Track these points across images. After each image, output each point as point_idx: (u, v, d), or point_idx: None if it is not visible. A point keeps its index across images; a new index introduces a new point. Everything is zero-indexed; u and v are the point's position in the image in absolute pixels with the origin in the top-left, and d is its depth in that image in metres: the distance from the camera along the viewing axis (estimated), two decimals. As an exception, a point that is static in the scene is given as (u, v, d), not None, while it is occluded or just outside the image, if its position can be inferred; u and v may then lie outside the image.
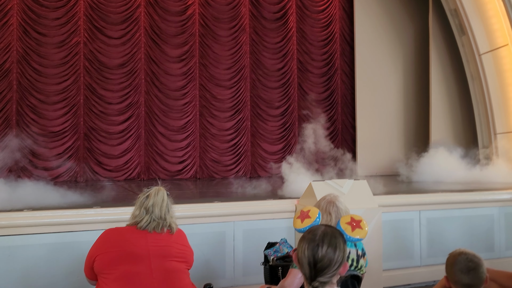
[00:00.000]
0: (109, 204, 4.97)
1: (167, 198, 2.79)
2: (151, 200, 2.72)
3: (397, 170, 9.43)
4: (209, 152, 11.06)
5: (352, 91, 12.36)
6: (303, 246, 1.92)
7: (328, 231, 1.96)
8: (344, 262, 1.93)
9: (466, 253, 2.45)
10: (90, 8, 10.14)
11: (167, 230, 2.73)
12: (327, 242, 1.91)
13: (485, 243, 5.85)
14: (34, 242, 4.12)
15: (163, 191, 2.80)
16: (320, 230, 1.97)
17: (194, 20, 10.99)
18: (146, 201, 2.72)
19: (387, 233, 5.14)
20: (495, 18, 9.73)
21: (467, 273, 2.38)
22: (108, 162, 10.13)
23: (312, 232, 1.97)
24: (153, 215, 2.69)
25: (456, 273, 2.41)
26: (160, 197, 2.74)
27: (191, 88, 10.93)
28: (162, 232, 2.69)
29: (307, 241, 1.93)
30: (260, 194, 6.17)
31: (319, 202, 3.08)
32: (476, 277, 2.39)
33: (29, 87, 9.64)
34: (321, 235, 1.93)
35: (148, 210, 2.69)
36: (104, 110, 10.18)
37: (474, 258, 2.42)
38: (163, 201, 2.74)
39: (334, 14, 12.26)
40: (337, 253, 1.90)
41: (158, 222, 2.69)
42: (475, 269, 2.39)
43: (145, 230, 2.68)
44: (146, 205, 2.71)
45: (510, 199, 6.00)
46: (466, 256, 2.43)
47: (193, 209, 4.79)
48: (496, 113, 9.91)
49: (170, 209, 2.78)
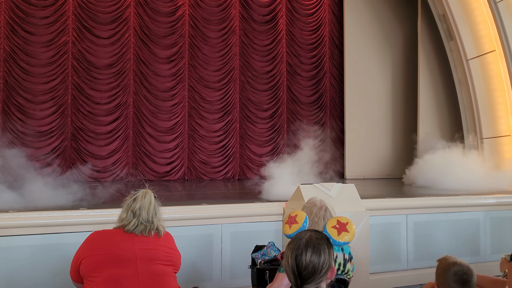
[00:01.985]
0: (96, 206, 4.93)
1: (154, 201, 2.77)
2: (138, 203, 2.69)
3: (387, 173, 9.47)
4: (197, 153, 11.03)
5: (341, 95, 12.42)
6: (288, 254, 1.91)
7: (313, 237, 1.94)
8: (332, 267, 1.92)
9: (461, 265, 2.45)
10: (79, 7, 10.06)
11: (154, 233, 2.70)
12: (311, 249, 1.88)
13: (471, 247, 5.91)
14: (19, 244, 4.06)
15: (150, 193, 2.77)
16: (304, 237, 1.95)
17: (184, 21, 10.96)
18: (133, 204, 2.69)
19: (374, 236, 5.17)
20: (483, 24, 9.85)
21: (462, 285, 2.39)
22: (96, 163, 10.04)
23: (297, 240, 1.95)
24: (141, 218, 2.66)
25: (451, 284, 2.41)
26: (147, 200, 2.72)
27: (180, 89, 10.90)
28: (149, 235, 2.67)
29: (291, 250, 1.91)
30: (248, 196, 6.16)
31: (310, 208, 3.08)
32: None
33: (16, 86, 9.53)
34: (304, 243, 1.90)
35: (135, 213, 2.67)
36: (92, 110, 10.11)
37: (468, 271, 2.43)
38: (150, 204, 2.72)
39: (323, 17, 12.32)
40: (322, 259, 1.88)
41: (145, 225, 2.67)
42: (470, 282, 2.41)
43: (132, 233, 2.66)
44: (133, 208, 2.68)
45: (496, 204, 6.07)
46: (461, 268, 2.43)
47: (181, 211, 4.77)
48: (483, 118, 10.02)
49: (157, 212, 2.76)
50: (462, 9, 10.06)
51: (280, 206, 5.07)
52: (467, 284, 2.40)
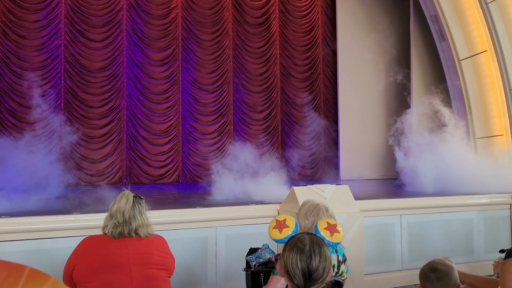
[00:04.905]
0: (89, 210, 4.90)
1: (133, 202, 2.71)
2: (115, 205, 2.67)
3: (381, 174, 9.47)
4: (192, 156, 11.01)
5: (334, 96, 12.44)
6: (294, 257, 1.90)
7: (314, 240, 1.95)
8: (330, 268, 1.95)
9: (433, 262, 2.43)
10: (71, 10, 10.03)
11: (145, 237, 2.67)
12: (318, 251, 1.91)
13: (464, 246, 5.93)
14: (11, 249, 4.03)
15: (128, 195, 2.72)
16: (306, 239, 1.95)
17: (177, 23, 10.95)
18: (112, 207, 2.67)
19: (368, 237, 5.17)
20: (475, 24, 9.89)
21: (431, 283, 2.38)
22: (89, 167, 10.00)
23: (300, 242, 1.94)
24: (115, 220, 2.62)
25: (422, 282, 2.42)
26: (123, 202, 2.67)
27: (173, 91, 10.88)
28: (129, 236, 2.62)
29: (298, 252, 1.91)
30: (243, 199, 6.15)
31: (306, 208, 3.08)
32: (444, 285, 2.38)
33: (8, 90, 9.48)
34: (310, 245, 1.92)
35: (112, 216, 2.65)
36: (86, 114, 10.07)
37: (441, 267, 2.39)
38: (127, 204, 2.66)
39: (316, 19, 12.34)
40: (327, 261, 1.92)
41: (122, 226, 2.61)
42: (441, 278, 2.37)
43: (125, 237, 2.63)
44: (111, 212, 2.66)
45: (489, 203, 6.09)
46: (430, 266, 2.42)
47: (175, 214, 4.75)
48: (476, 118, 10.06)
49: (137, 214, 2.68)
50: (454, 9, 10.11)
51: (275, 208, 5.06)
52: (436, 282, 2.37)
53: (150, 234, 2.71)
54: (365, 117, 12.23)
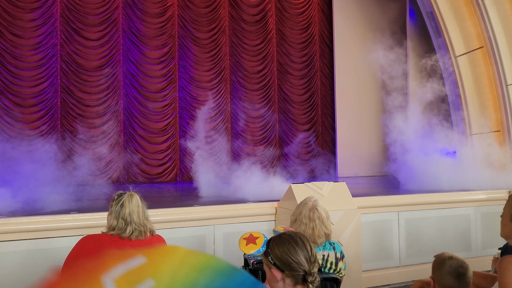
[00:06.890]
0: (87, 209, 4.89)
1: (141, 202, 2.72)
2: (126, 208, 2.63)
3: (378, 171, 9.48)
4: (189, 154, 10.99)
5: (331, 93, 12.45)
6: (293, 250, 2.01)
7: (297, 234, 2.12)
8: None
9: (457, 259, 2.51)
10: (67, 9, 9.99)
11: (149, 235, 2.69)
12: (306, 239, 2.07)
13: (462, 242, 5.95)
14: (9, 249, 4.02)
15: (136, 196, 2.72)
16: (298, 236, 2.08)
17: (173, 22, 10.92)
18: (121, 210, 2.63)
19: (366, 234, 5.18)
20: (471, 21, 9.90)
21: (457, 278, 2.44)
22: (86, 166, 9.96)
23: (292, 237, 2.06)
24: (134, 224, 2.60)
25: (446, 277, 2.45)
26: (135, 204, 2.67)
27: (170, 90, 10.87)
28: (145, 238, 2.64)
29: (293, 245, 2.03)
30: (240, 197, 6.15)
31: (300, 208, 3.08)
32: (464, 282, 2.45)
33: (4, 89, 9.45)
34: (299, 236, 2.07)
35: (127, 220, 2.60)
36: (82, 113, 10.05)
37: (464, 264, 2.48)
38: (139, 207, 2.67)
39: (313, 16, 12.33)
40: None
41: (140, 230, 2.63)
42: (464, 275, 2.46)
43: (125, 238, 2.62)
44: (123, 215, 2.61)
45: (486, 199, 6.11)
46: (457, 262, 2.49)
47: (173, 213, 4.75)
48: (472, 114, 10.08)
49: (145, 213, 2.71)
50: (450, 6, 10.11)
51: (272, 206, 5.06)
52: (462, 277, 2.44)
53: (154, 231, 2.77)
54: (363, 114, 12.24)
